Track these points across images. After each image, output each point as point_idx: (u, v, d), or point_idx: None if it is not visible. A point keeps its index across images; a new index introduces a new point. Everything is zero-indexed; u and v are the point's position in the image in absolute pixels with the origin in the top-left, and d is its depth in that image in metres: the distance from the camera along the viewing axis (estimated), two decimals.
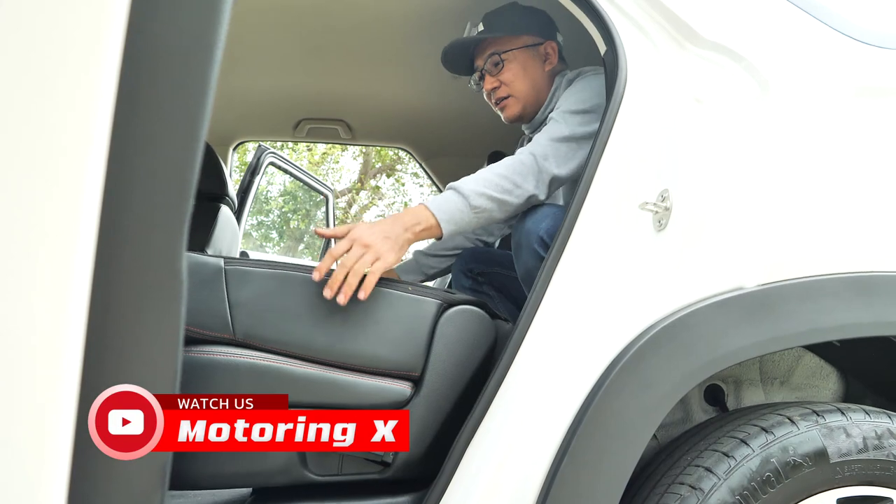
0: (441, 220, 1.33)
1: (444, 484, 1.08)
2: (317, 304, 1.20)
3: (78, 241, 0.57)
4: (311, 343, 1.17)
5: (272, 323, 1.16)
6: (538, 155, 1.43)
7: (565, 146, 1.45)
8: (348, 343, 1.19)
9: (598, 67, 1.64)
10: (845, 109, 1.19)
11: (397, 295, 1.24)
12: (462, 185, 1.37)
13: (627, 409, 1.01)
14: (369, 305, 1.21)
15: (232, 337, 1.16)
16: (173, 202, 0.62)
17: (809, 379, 1.41)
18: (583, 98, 1.52)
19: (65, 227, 0.57)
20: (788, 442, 1.04)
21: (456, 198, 1.36)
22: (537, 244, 1.45)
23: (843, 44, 1.25)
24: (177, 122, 0.62)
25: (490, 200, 1.37)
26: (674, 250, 1.11)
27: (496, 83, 1.74)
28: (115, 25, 0.57)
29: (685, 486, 1.03)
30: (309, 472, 1.16)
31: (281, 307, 1.19)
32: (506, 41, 1.73)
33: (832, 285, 1.09)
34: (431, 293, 1.27)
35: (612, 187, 1.17)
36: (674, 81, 1.21)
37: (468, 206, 1.35)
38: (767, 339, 1.05)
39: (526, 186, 1.41)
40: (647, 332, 1.05)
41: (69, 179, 0.57)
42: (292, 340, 1.17)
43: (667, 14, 1.23)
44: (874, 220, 1.15)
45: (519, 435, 1.06)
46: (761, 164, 1.13)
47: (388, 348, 1.20)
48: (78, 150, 0.57)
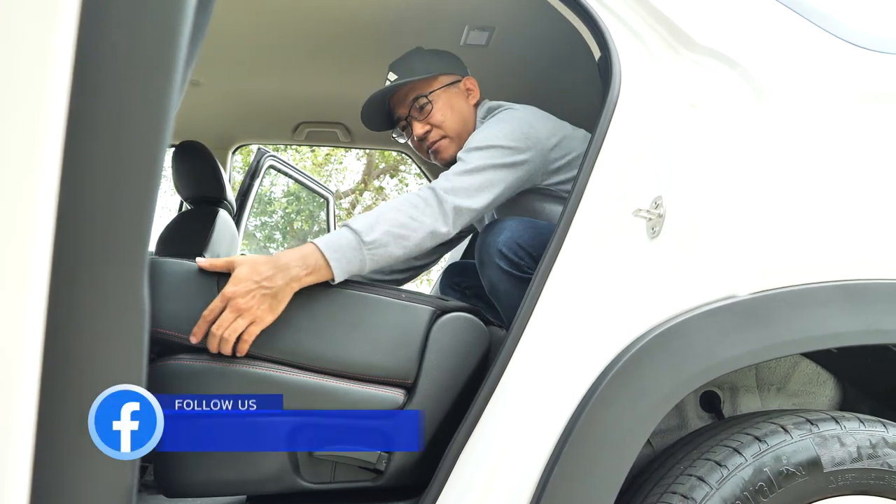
0: (331, 260, 1.19)
1: (437, 491, 1.08)
2: (309, 312, 1.19)
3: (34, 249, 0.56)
4: (302, 351, 1.17)
5: (266, 331, 1.16)
6: (438, 188, 1.35)
7: (469, 178, 1.39)
8: (340, 351, 1.19)
9: (512, 105, 1.64)
10: (840, 116, 1.18)
11: (390, 302, 1.23)
12: (353, 221, 1.27)
13: (620, 416, 1.00)
14: (362, 313, 1.21)
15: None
16: (131, 227, 0.61)
17: (806, 386, 1.41)
18: (486, 135, 1.48)
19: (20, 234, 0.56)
20: (782, 451, 1.04)
21: (348, 234, 1.23)
22: (497, 258, 1.44)
23: (840, 49, 1.24)
24: (138, 127, 0.61)
25: (385, 234, 1.25)
26: (667, 257, 1.10)
27: (426, 127, 1.70)
28: (65, 29, 0.56)
29: (677, 496, 1.02)
30: (302, 479, 1.16)
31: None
32: (426, 83, 1.71)
33: (825, 293, 1.08)
34: (425, 300, 1.26)
35: (605, 193, 1.16)
36: (668, 87, 1.20)
37: (360, 243, 1.22)
38: (760, 348, 1.04)
39: (423, 220, 1.30)
40: (640, 339, 1.04)
41: (23, 186, 0.56)
42: (284, 348, 1.17)
43: (662, 19, 1.23)
44: (867, 228, 1.14)
45: (511, 442, 1.05)
46: (755, 171, 1.12)
47: (381, 356, 1.20)
48: (30, 152, 0.56)
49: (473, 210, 1.38)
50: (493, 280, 1.48)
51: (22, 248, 0.56)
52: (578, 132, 1.67)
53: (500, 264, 1.44)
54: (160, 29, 0.59)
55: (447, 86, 1.72)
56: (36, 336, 0.58)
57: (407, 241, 1.28)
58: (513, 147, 1.46)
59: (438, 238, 1.34)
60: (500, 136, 1.46)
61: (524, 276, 1.42)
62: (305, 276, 1.16)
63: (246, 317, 1.11)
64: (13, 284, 0.57)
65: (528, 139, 1.49)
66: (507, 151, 1.45)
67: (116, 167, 0.59)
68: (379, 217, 1.27)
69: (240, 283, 1.12)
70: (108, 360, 0.65)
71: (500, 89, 2.04)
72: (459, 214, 1.35)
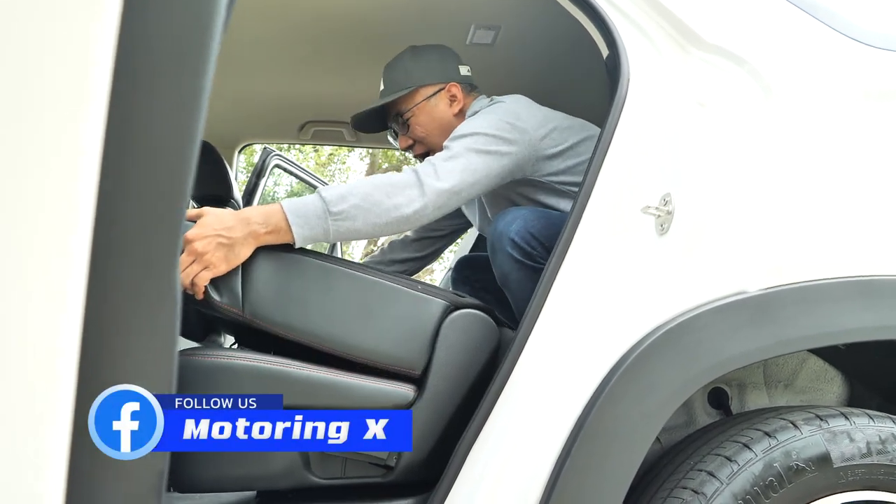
0: (293, 224, 1.19)
1: (447, 487, 1.08)
2: (325, 294, 1.21)
3: (73, 249, 0.58)
4: (314, 330, 1.19)
5: (280, 305, 1.17)
6: (421, 171, 1.35)
7: (451, 163, 1.39)
8: (351, 334, 1.20)
9: (501, 98, 1.65)
10: (847, 113, 1.18)
11: (405, 292, 1.25)
12: (326, 189, 1.25)
13: (629, 413, 1.01)
14: (376, 300, 1.23)
15: (240, 313, 1.17)
16: (167, 211, 0.62)
17: (814, 382, 1.41)
18: (472, 124, 1.48)
19: (60, 234, 0.58)
20: (792, 446, 1.04)
21: (316, 201, 1.23)
22: (509, 246, 1.44)
23: (846, 46, 1.24)
24: (172, 127, 0.62)
25: (354, 208, 1.23)
26: (676, 254, 1.10)
27: (409, 141, 1.76)
28: (106, 27, 0.57)
29: (688, 491, 1.03)
30: (312, 475, 1.17)
31: (291, 291, 1.20)
32: (404, 100, 1.73)
33: (835, 289, 1.08)
34: (439, 294, 1.27)
35: (614, 191, 1.17)
36: (676, 85, 1.21)
37: (326, 212, 1.22)
38: (770, 344, 1.05)
39: (398, 201, 1.28)
40: (649, 336, 1.05)
41: (64, 185, 0.58)
42: (297, 326, 1.18)
43: (670, 17, 1.23)
44: (877, 224, 1.15)
45: (522, 438, 1.06)
46: (764, 167, 1.12)
47: (390, 344, 1.21)
48: (71, 153, 0.57)
49: (453, 193, 1.35)
50: (504, 269, 1.48)
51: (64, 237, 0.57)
52: (574, 121, 1.66)
53: (511, 253, 1.44)
54: (197, 28, 0.60)
55: (427, 98, 1.72)
56: (75, 325, 0.59)
57: (377, 220, 1.26)
58: (497, 136, 1.46)
59: (412, 222, 1.32)
60: (484, 125, 1.47)
61: (536, 265, 1.42)
62: (265, 233, 1.17)
63: (200, 262, 1.13)
64: (54, 278, 0.58)
65: (514, 129, 1.49)
66: (492, 140, 1.45)
67: (152, 161, 0.60)
68: (352, 189, 1.26)
69: (201, 227, 1.14)
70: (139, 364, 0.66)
71: (505, 88, 2.03)
72: (439, 197, 1.33)
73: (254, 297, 1.17)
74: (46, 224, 0.58)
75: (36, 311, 0.59)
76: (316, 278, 1.21)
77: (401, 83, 1.73)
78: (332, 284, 1.21)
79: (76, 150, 0.57)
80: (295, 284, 1.20)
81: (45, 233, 0.58)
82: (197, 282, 1.14)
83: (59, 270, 0.58)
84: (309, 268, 1.22)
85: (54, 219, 0.58)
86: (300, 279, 1.21)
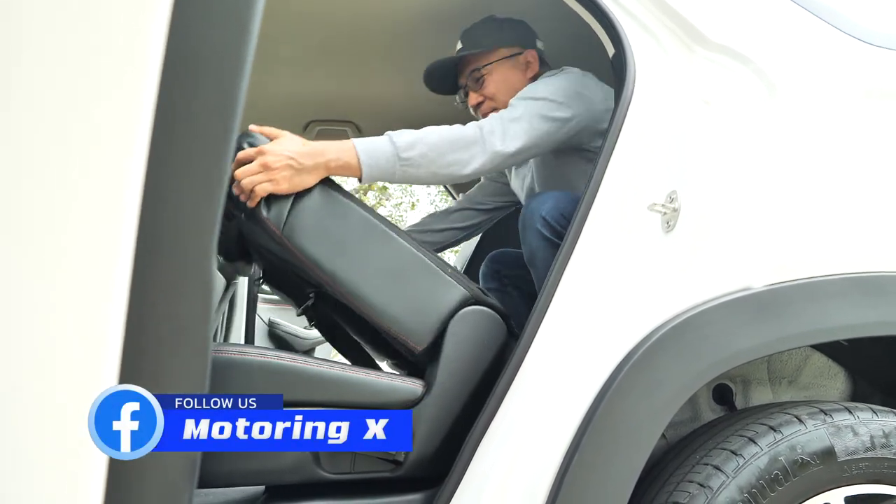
0: (364, 164, 1.28)
1: (456, 482, 1.09)
2: (360, 244, 1.25)
3: (118, 250, 0.60)
4: (336, 272, 1.23)
5: (315, 239, 1.22)
6: (485, 129, 1.42)
7: (514, 125, 1.45)
8: (369, 287, 1.24)
9: (571, 68, 1.69)
10: (851, 111, 1.20)
11: (433, 269, 1.28)
12: (396, 135, 1.33)
13: (637, 408, 1.02)
14: (404, 266, 1.27)
15: (278, 232, 1.22)
16: (204, 210, 0.64)
17: (817, 378, 1.42)
18: (538, 88, 1.55)
19: (107, 230, 0.60)
20: (796, 440, 1.05)
21: (387, 145, 1.31)
22: (540, 224, 1.47)
23: (849, 46, 1.26)
24: (211, 130, 0.64)
25: (421, 157, 1.33)
26: (682, 251, 1.12)
27: (480, 98, 1.78)
28: (154, 38, 0.59)
29: (694, 485, 1.04)
30: (321, 470, 1.18)
31: (330, 230, 1.25)
32: (483, 56, 1.76)
33: (839, 285, 1.10)
34: (465, 283, 1.30)
35: (620, 188, 1.18)
36: (682, 83, 1.22)
37: (396, 157, 1.31)
38: (775, 339, 1.06)
39: (460, 156, 1.37)
40: (655, 332, 1.06)
41: (111, 183, 0.60)
42: (323, 263, 1.22)
43: (675, 17, 1.24)
44: (881, 221, 1.16)
45: (529, 434, 1.07)
46: (769, 165, 1.14)
47: (400, 310, 1.25)
48: (120, 156, 0.59)
49: (511, 156, 1.44)
50: (532, 247, 1.51)
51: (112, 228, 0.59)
52: None
53: (542, 231, 1.47)
54: (238, 27, 0.63)
55: (504, 59, 1.76)
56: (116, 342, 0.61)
57: (437, 170, 1.36)
58: (562, 102, 1.51)
59: (467, 178, 1.42)
60: (550, 91, 1.53)
61: None
62: (335, 167, 1.27)
63: (266, 174, 1.20)
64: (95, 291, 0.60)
65: (580, 98, 1.54)
66: (555, 105, 1.50)
67: (192, 162, 0.62)
68: (422, 138, 1.34)
69: (278, 145, 1.23)
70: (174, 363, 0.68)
71: None
72: (497, 158, 1.42)
73: (295, 223, 1.22)
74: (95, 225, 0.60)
75: (79, 314, 0.61)
76: (357, 227, 1.26)
77: (481, 40, 1.77)
78: (369, 237, 1.26)
79: (126, 153, 0.60)
80: (336, 225, 1.25)
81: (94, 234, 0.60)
82: (256, 191, 1.19)
83: (105, 267, 0.60)
84: (354, 216, 1.27)
85: (102, 220, 0.60)
86: (343, 223, 1.26)
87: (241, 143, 1.26)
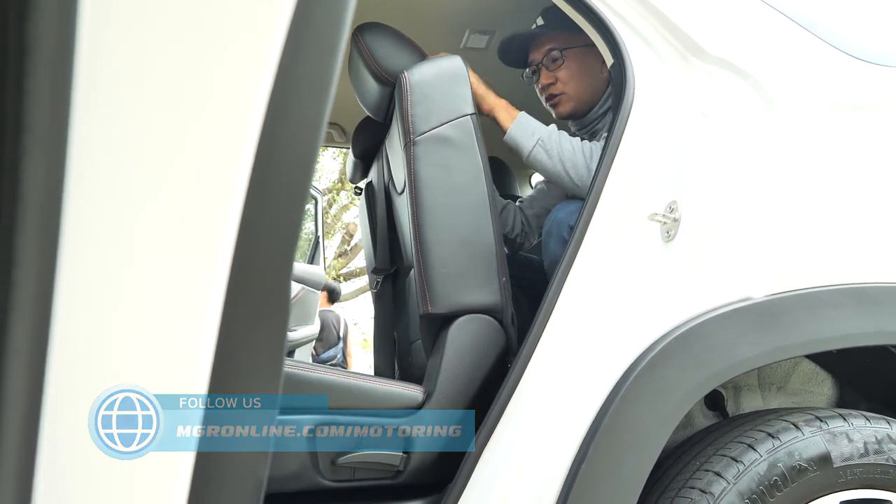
0: (514, 125, 1.54)
1: (460, 490, 1.10)
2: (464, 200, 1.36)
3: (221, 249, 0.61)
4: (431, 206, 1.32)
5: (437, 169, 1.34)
6: (588, 156, 1.51)
7: None
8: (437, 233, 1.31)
9: None
10: (845, 125, 1.23)
11: (493, 267, 1.34)
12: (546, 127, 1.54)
13: (643, 417, 1.03)
14: (477, 245, 1.32)
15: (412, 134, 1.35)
16: (290, 212, 0.65)
17: (805, 385, 1.45)
18: None
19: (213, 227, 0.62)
20: (794, 447, 1.08)
21: (539, 127, 1.54)
22: (566, 232, 1.47)
23: (842, 62, 1.29)
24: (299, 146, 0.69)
25: (556, 151, 1.51)
26: (683, 261, 1.14)
27: (552, 79, 1.73)
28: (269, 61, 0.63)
29: (695, 491, 1.06)
30: (322, 477, 1.17)
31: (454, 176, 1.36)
32: (566, 38, 1.70)
33: (836, 296, 1.12)
34: (505, 297, 1.32)
35: (621, 198, 1.20)
36: (680, 95, 1.24)
37: (539, 139, 1.52)
38: (776, 349, 1.09)
39: (572, 169, 1.51)
40: (659, 341, 1.07)
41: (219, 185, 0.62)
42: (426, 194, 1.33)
43: (673, 30, 1.26)
44: (876, 233, 1.19)
45: (535, 442, 1.08)
46: (767, 177, 1.16)
47: (442, 270, 1.29)
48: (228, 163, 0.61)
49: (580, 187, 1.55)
50: (556, 255, 1.48)
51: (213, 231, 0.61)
52: None
53: (567, 238, 1.46)
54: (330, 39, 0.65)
55: (584, 46, 1.66)
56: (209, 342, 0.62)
57: (553, 168, 1.53)
58: None
59: (570, 189, 1.56)
60: None
61: None
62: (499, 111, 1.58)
63: None
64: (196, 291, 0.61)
65: None
66: None
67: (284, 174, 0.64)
68: (560, 139, 1.53)
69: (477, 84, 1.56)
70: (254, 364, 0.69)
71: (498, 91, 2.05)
72: (581, 179, 1.52)
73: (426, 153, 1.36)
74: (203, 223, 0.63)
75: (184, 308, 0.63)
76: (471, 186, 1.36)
77: (566, 24, 1.64)
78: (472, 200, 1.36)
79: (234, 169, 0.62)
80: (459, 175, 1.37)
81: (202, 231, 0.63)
82: None
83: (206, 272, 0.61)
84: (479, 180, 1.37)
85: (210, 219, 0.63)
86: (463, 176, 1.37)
87: None
